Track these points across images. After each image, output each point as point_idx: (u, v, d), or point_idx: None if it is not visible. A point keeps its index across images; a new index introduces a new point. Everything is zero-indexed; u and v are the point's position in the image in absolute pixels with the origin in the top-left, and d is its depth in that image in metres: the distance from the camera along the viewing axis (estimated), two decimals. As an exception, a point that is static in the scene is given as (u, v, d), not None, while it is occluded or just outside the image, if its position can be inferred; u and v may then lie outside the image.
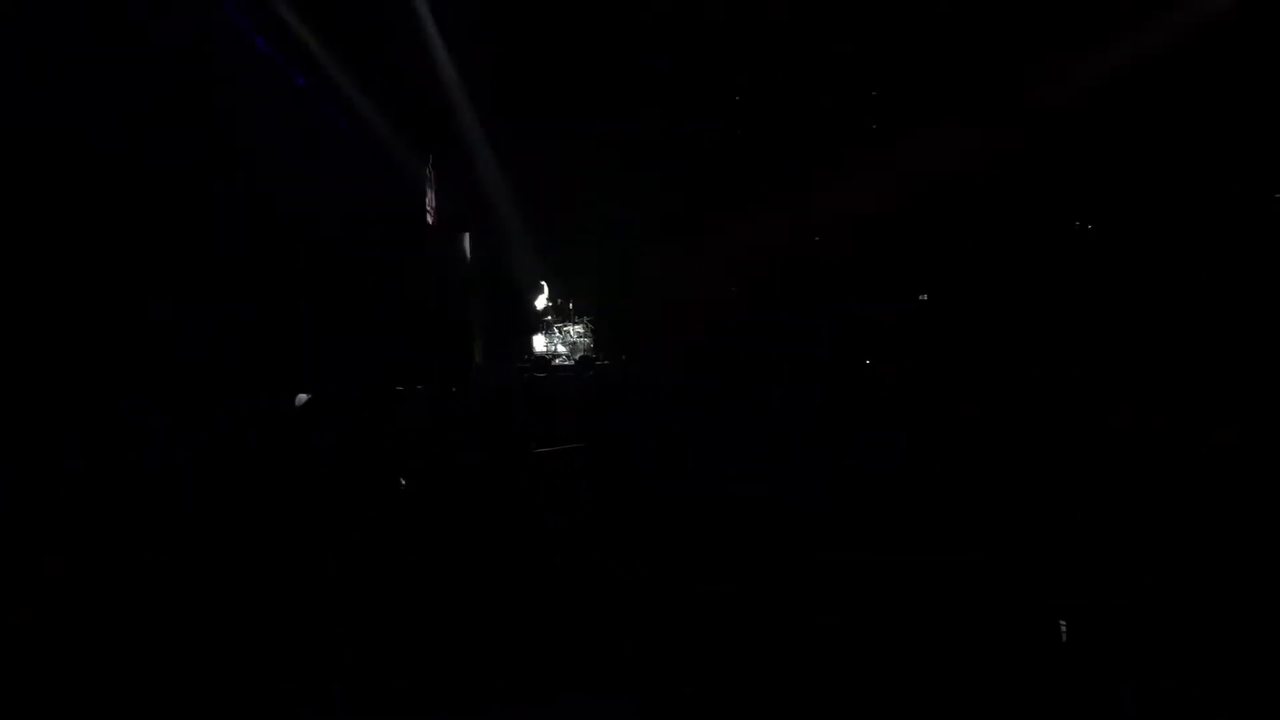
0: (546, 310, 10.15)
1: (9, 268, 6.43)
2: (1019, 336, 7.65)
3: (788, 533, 5.02)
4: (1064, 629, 3.97)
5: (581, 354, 9.93)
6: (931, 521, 5.06)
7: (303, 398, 7.09)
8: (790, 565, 4.60)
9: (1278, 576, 4.13)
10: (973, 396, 6.96)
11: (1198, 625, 3.87)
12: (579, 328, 10.13)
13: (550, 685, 3.70)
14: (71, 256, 6.59)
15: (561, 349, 10.04)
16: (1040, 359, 7.28)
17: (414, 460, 6.41)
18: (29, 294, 6.52)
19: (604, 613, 4.25)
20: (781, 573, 4.53)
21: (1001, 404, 6.68)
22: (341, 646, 4.01)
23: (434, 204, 9.62)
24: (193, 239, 7.12)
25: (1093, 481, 5.40)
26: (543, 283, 10.18)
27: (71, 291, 6.67)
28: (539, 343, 10.11)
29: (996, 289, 8.23)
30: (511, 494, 6.11)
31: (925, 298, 8.94)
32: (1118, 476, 5.45)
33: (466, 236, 9.76)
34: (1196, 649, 3.71)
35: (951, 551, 4.70)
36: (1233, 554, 4.41)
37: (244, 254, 7.55)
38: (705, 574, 4.63)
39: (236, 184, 7.59)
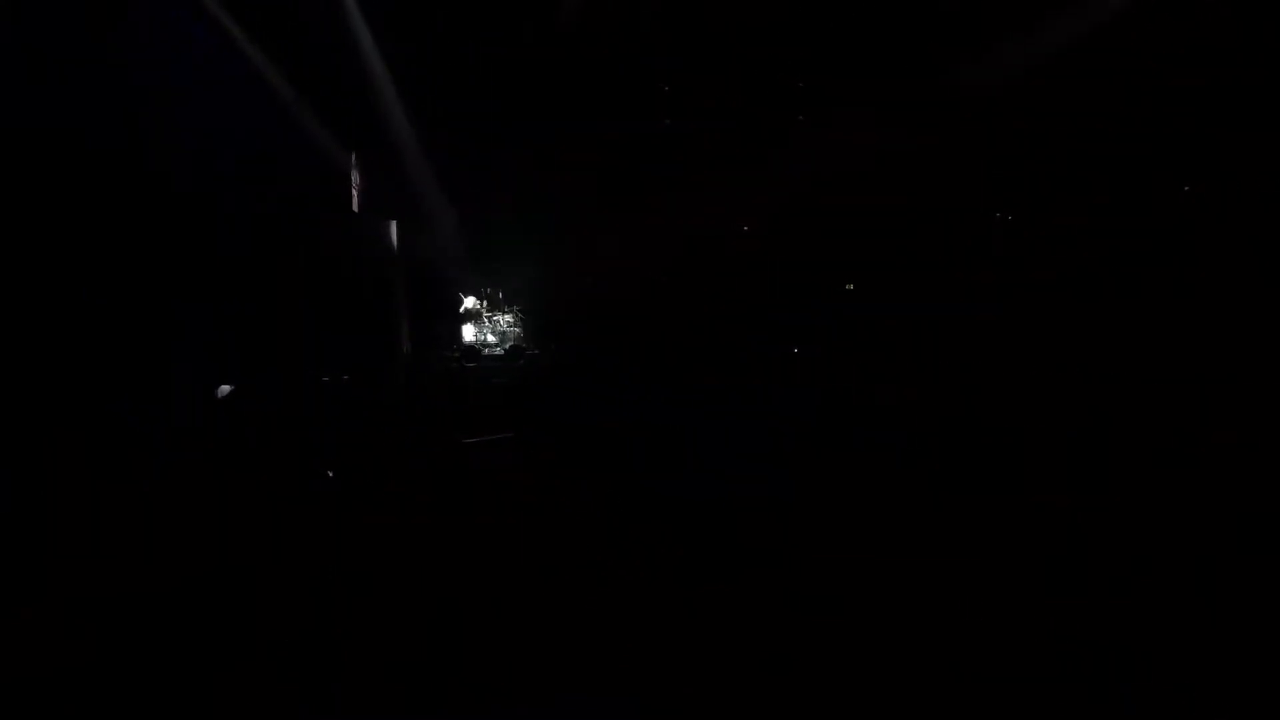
0: (474, 308, 10.15)
1: (9, 268, 6.45)
2: (1019, 336, 7.65)
3: (786, 532, 5.03)
4: None
5: (512, 343, 9.95)
6: (931, 521, 5.06)
7: (225, 389, 7.06)
8: (790, 564, 4.61)
9: (1278, 576, 4.14)
10: (973, 396, 6.96)
11: (1198, 625, 3.87)
12: (509, 317, 10.15)
13: (550, 685, 3.70)
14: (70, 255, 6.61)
15: (491, 338, 10.07)
16: (1040, 359, 7.27)
17: (340, 450, 6.38)
18: (29, 293, 6.54)
19: (604, 612, 4.26)
20: (781, 572, 4.53)
21: (1001, 404, 6.68)
22: (341, 646, 4.02)
23: (360, 189, 9.55)
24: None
25: (1093, 481, 5.40)
26: (467, 297, 10.16)
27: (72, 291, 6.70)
28: (468, 332, 10.11)
29: (995, 288, 8.22)
30: (439, 485, 6.09)
31: (851, 287, 8.96)
32: (1118, 476, 5.45)
33: (394, 224, 9.63)
34: (1196, 649, 3.71)
35: (952, 551, 4.70)
36: (1233, 554, 4.42)
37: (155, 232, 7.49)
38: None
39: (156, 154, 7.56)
